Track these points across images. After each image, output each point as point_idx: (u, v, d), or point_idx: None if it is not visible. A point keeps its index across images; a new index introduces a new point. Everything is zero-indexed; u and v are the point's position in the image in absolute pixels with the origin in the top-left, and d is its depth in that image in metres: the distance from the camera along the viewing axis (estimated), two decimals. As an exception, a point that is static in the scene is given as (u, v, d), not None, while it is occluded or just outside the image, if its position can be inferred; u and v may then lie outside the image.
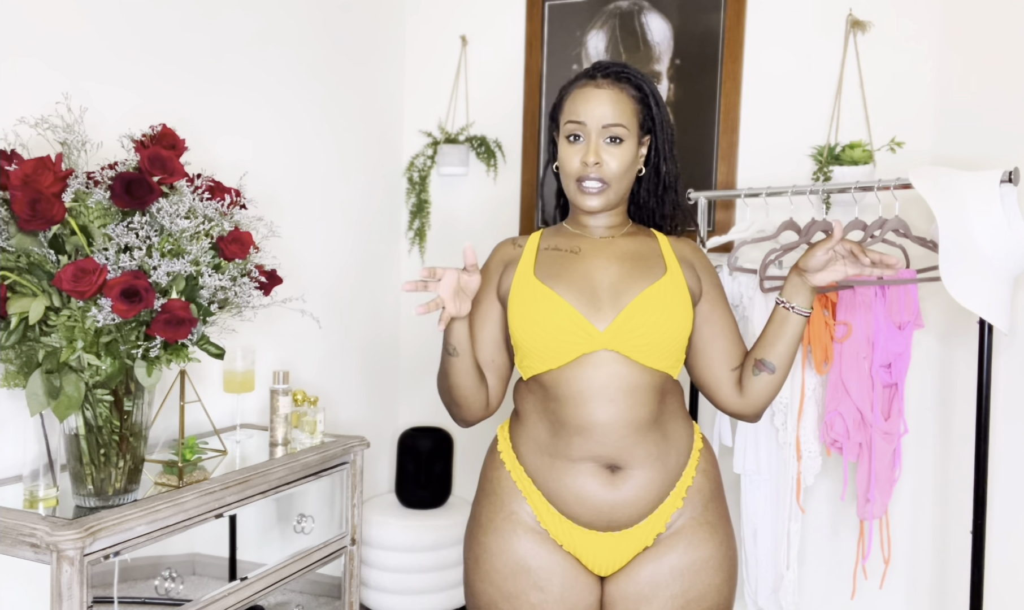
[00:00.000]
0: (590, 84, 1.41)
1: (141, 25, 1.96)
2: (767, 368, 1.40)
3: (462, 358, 1.37)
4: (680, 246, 1.49)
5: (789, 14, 2.49)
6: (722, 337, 1.44)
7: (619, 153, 1.39)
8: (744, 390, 1.43)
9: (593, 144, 1.38)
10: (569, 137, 1.41)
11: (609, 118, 1.38)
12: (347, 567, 2.10)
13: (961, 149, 2.23)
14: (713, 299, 1.46)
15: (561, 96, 1.46)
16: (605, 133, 1.38)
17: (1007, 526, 2.05)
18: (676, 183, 1.50)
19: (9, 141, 1.58)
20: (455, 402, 1.43)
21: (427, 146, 2.96)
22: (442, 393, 1.46)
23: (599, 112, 1.38)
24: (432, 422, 2.99)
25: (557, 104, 1.47)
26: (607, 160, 1.38)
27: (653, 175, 1.48)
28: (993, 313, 1.77)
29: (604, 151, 1.38)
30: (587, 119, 1.38)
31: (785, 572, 2.09)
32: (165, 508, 1.54)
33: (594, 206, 1.41)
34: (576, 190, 1.41)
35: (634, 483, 1.34)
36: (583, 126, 1.39)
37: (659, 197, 1.50)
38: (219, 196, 1.60)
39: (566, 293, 1.36)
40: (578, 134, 1.40)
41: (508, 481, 1.41)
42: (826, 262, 1.35)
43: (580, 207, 1.43)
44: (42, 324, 1.42)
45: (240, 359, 2.02)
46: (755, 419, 1.47)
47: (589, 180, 1.39)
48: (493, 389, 1.46)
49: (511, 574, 1.37)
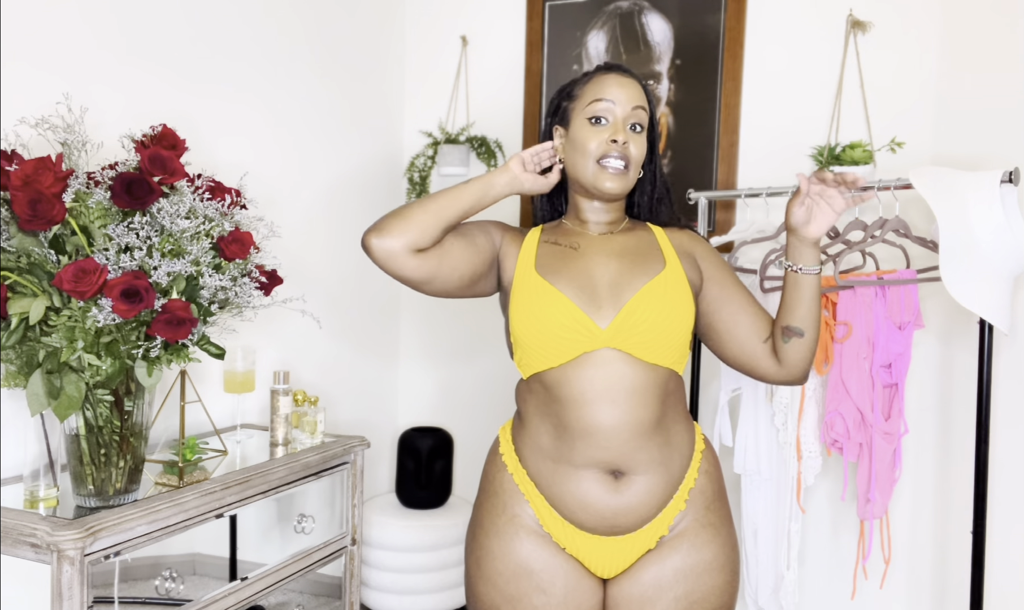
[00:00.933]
0: (613, 71, 1.43)
1: (141, 26, 1.96)
2: (795, 333, 1.38)
3: (480, 207, 1.39)
4: (678, 237, 1.48)
5: (789, 14, 2.49)
6: (743, 313, 1.43)
7: (640, 141, 1.42)
8: (781, 359, 1.41)
9: (621, 124, 1.40)
10: (592, 119, 1.41)
11: (636, 100, 1.41)
12: (347, 567, 2.10)
13: (961, 149, 2.23)
14: (720, 280, 1.45)
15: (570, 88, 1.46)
16: (632, 117, 1.41)
17: (1007, 526, 2.05)
18: (668, 194, 1.52)
19: (10, 141, 1.59)
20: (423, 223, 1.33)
21: (428, 146, 2.96)
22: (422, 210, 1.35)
23: (627, 94, 1.41)
24: (432, 422, 3.00)
25: (566, 95, 1.47)
26: (631, 143, 1.40)
27: (649, 178, 1.50)
28: (993, 313, 1.77)
29: (629, 135, 1.40)
30: (617, 99, 1.40)
31: (785, 572, 2.09)
32: (165, 508, 1.54)
33: (612, 188, 1.40)
34: (596, 170, 1.40)
35: (637, 489, 1.34)
36: (612, 106, 1.40)
37: (652, 205, 1.51)
38: (219, 196, 1.61)
39: (567, 289, 1.36)
40: (603, 116, 1.40)
41: (510, 483, 1.41)
42: (807, 214, 1.34)
43: (598, 187, 1.41)
44: (42, 324, 1.42)
45: (240, 359, 2.02)
46: (802, 382, 1.45)
47: (613, 158, 1.39)
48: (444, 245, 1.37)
49: (513, 577, 1.37)
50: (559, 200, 1.56)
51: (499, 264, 1.45)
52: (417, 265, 1.34)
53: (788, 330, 1.39)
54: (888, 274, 1.99)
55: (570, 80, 1.49)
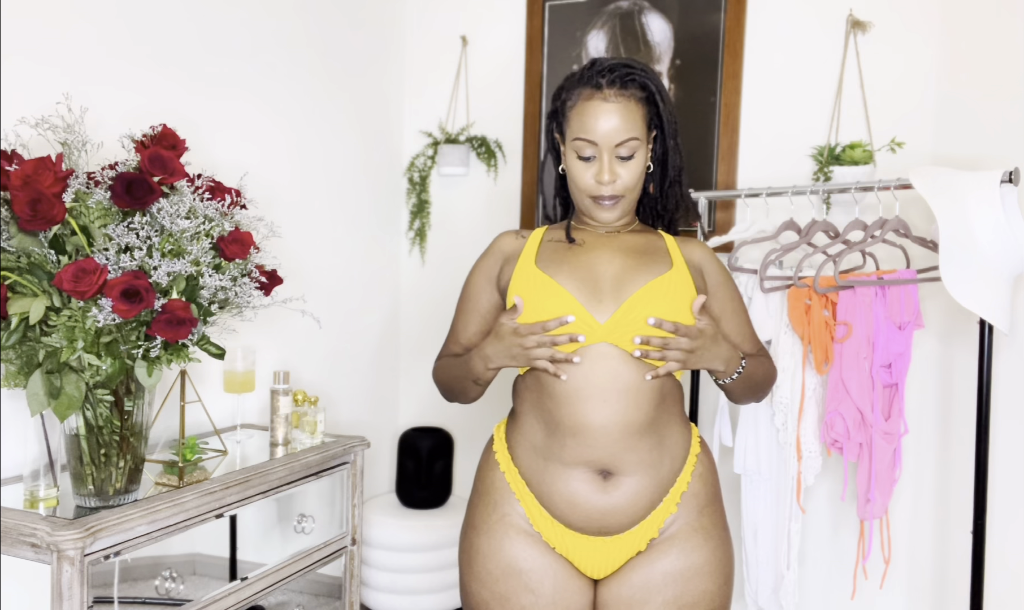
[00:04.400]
0: (596, 97, 1.36)
1: (141, 25, 1.96)
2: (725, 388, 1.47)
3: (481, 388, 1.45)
4: (688, 247, 1.46)
5: (789, 14, 2.49)
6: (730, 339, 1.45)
7: (632, 166, 1.39)
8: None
9: (607, 163, 1.36)
10: (579, 157, 1.39)
11: (621, 135, 1.36)
12: (347, 567, 2.10)
13: (961, 149, 2.23)
14: (722, 299, 1.45)
15: (563, 100, 1.42)
16: (618, 151, 1.37)
17: (1007, 526, 2.05)
18: (680, 175, 1.48)
19: (10, 141, 1.59)
20: (454, 397, 1.51)
21: (427, 146, 2.96)
22: (442, 385, 1.52)
23: (610, 129, 1.35)
24: (432, 422, 2.99)
25: (559, 110, 1.43)
26: (621, 174, 1.38)
27: (659, 169, 1.46)
28: (993, 313, 1.77)
29: (618, 166, 1.37)
30: (598, 139, 1.36)
31: (785, 572, 2.09)
32: (165, 508, 1.54)
33: (610, 218, 1.42)
34: (592, 205, 1.41)
35: (626, 490, 1.33)
36: (595, 146, 1.37)
37: (664, 190, 1.48)
38: (219, 196, 1.60)
39: (567, 282, 1.35)
40: (590, 154, 1.38)
41: (502, 482, 1.41)
42: None
43: (596, 219, 1.43)
44: (42, 324, 1.42)
45: (241, 359, 2.02)
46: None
47: (604, 199, 1.39)
48: None
49: (503, 576, 1.37)
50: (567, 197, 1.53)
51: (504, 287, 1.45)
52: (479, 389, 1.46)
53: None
54: (888, 274, 1.99)
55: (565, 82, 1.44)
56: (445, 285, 2.94)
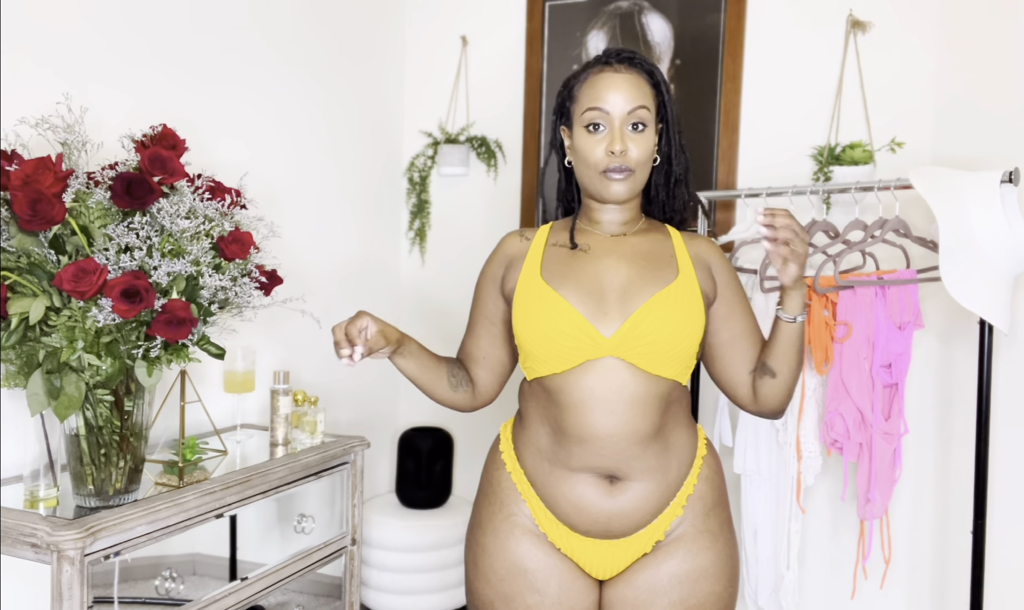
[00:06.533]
0: (607, 69, 1.35)
1: (141, 26, 1.96)
2: (768, 372, 1.37)
3: (417, 382, 1.46)
4: (695, 245, 1.43)
5: (789, 14, 2.49)
6: (742, 339, 1.40)
7: (643, 140, 1.35)
8: (756, 393, 1.40)
9: (618, 132, 1.33)
10: (589, 127, 1.35)
11: (633, 101, 1.34)
12: (347, 567, 2.10)
13: (961, 149, 2.23)
14: (729, 299, 1.41)
15: (570, 86, 1.41)
16: (629, 119, 1.34)
17: (1007, 526, 2.05)
18: (686, 174, 1.46)
19: (10, 141, 1.59)
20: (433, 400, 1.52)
21: (427, 146, 2.96)
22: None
23: (622, 97, 1.33)
24: (432, 422, 2.99)
25: (567, 94, 1.41)
26: (631, 148, 1.34)
27: (665, 165, 1.44)
28: (993, 313, 1.77)
29: (628, 139, 1.34)
30: (610, 106, 1.33)
31: (785, 572, 2.09)
32: (165, 508, 1.54)
33: (620, 192, 1.36)
34: (601, 180, 1.36)
35: (632, 494, 1.33)
36: (606, 115, 1.34)
37: (670, 189, 1.45)
38: (219, 196, 1.60)
39: (572, 296, 1.32)
40: (600, 123, 1.35)
41: (508, 482, 1.41)
42: (781, 262, 1.29)
43: (605, 196, 1.37)
44: (42, 324, 1.42)
45: (240, 359, 2.02)
46: (774, 417, 1.44)
47: (614, 170, 1.34)
48: (484, 384, 1.49)
49: (508, 575, 1.36)
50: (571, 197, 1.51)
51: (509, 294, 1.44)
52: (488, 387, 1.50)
53: (763, 367, 1.38)
54: (888, 274, 1.99)
55: (573, 72, 1.43)
56: (445, 285, 2.94)
